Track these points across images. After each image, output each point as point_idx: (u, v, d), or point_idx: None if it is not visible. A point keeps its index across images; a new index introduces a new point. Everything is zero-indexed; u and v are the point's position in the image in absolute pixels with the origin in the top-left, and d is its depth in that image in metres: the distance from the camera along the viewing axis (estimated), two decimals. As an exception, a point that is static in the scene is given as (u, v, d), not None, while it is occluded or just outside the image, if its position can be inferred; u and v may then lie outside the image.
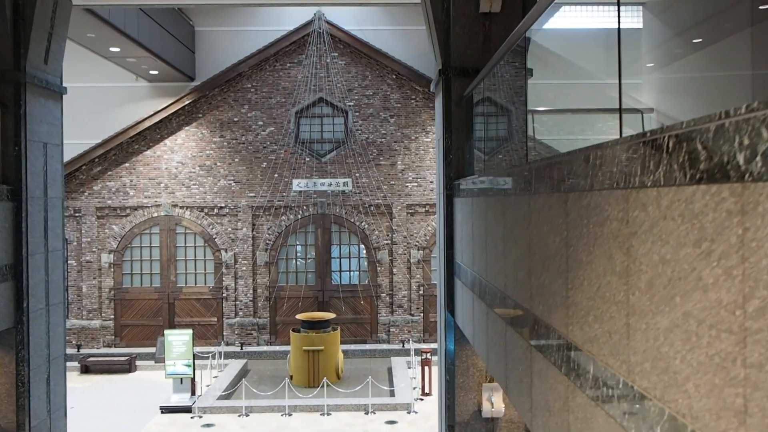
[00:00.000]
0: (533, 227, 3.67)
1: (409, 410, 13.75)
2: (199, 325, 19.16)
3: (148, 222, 19.18)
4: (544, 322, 3.41)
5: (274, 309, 19.29)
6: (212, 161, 19.14)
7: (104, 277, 19.06)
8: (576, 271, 2.93)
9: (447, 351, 7.21)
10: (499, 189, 4.62)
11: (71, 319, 19.02)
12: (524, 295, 3.88)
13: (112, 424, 13.14)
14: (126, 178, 19.10)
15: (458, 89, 7.26)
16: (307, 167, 19.15)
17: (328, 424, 13.11)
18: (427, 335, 19.12)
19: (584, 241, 2.82)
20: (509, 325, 4.33)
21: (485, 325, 5.17)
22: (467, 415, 7.20)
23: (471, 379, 7.23)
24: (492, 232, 4.84)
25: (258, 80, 19.22)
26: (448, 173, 7.28)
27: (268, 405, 13.84)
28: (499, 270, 4.66)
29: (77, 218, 19.08)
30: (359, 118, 19.25)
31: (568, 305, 3.04)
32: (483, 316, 5.29)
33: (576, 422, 2.97)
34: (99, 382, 16.51)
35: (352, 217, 19.20)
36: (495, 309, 4.83)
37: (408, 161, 19.26)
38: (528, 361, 3.77)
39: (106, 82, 19.66)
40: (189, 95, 18.78)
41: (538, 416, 3.54)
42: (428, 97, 19.20)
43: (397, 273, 19.18)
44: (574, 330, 2.97)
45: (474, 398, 7.23)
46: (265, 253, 19.16)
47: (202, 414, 13.65)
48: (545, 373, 3.41)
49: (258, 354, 18.48)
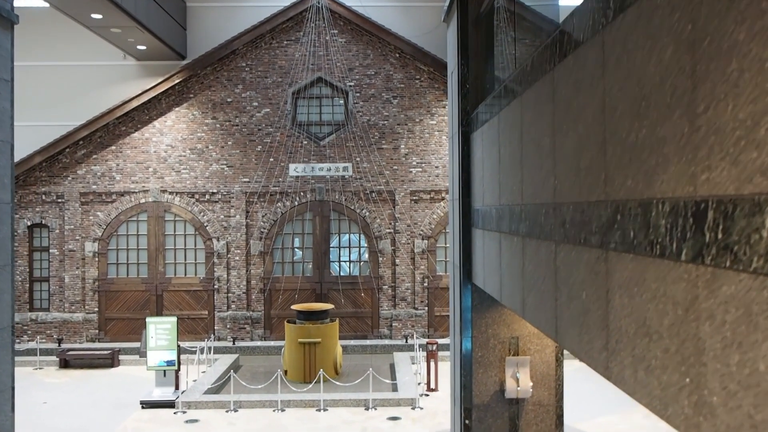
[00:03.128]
0: (611, 72, 2.49)
1: (413, 406, 12.51)
2: (189, 318, 17.95)
3: (136, 209, 18.01)
4: (638, 199, 2.22)
5: (268, 302, 18.08)
6: (204, 144, 18.00)
7: (88, 267, 17.88)
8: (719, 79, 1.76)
9: (463, 319, 6.01)
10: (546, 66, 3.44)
11: (52, 312, 17.83)
12: (593, 182, 2.70)
13: (87, 421, 11.92)
14: (112, 162, 17.96)
15: (475, 6, 6.11)
16: (305, 151, 18.01)
17: (324, 420, 11.88)
18: (432, 331, 17.89)
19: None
20: (563, 243, 3.14)
21: (520, 265, 4.02)
22: (487, 396, 5.99)
23: (491, 352, 6.03)
24: (532, 134, 3.69)
25: (253, 58, 18.11)
26: (464, 107, 6.12)
27: (258, 400, 12.62)
28: (544, 177, 3.49)
29: (60, 204, 17.93)
30: (360, 99, 18.12)
31: (702, 135, 1.87)
32: (517, 255, 4.14)
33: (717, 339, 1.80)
34: (78, 377, 15.29)
35: (352, 205, 18.02)
36: (535, 237, 3.66)
37: (412, 145, 18.11)
38: (601, 276, 2.59)
39: (92, 60, 18.57)
40: (179, 73, 17.67)
41: (624, 350, 2.36)
42: (433, 77, 18.08)
43: (400, 264, 17.98)
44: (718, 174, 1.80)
45: (495, 375, 6.02)
46: (260, 242, 17.97)
47: (186, 409, 12.42)
48: (639, 277, 2.22)
49: (251, 349, 17.25)
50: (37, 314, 17.78)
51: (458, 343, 6.15)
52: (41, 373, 15.65)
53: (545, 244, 3.41)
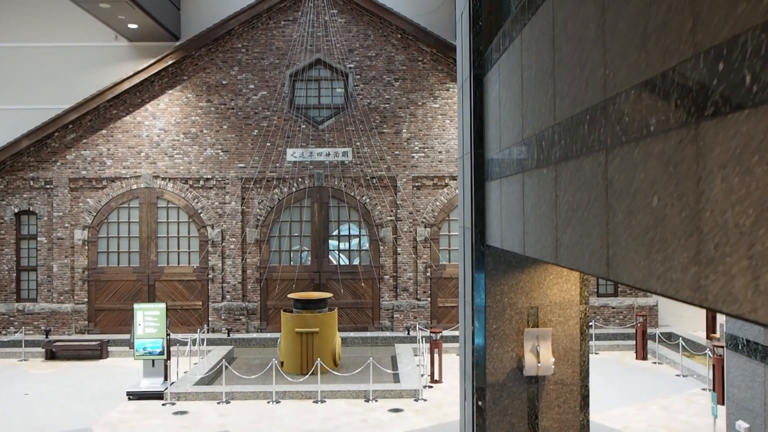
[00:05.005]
0: None
1: (416, 397, 11.80)
2: (182, 309, 17.25)
3: (127, 195, 17.32)
4: (758, 23, 1.53)
5: (265, 292, 17.37)
6: (198, 128, 17.31)
7: (77, 255, 17.18)
8: None
9: (475, 286, 5.29)
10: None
11: (40, 303, 17.14)
12: (673, 41, 2.02)
13: (68, 412, 11.21)
14: (103, 147, 17.26)
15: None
16: (303, 135, 17.31)
17: (321, 412, 11.17)
18: (435, 322, 17.16)
19: None
20: (618, 147, 2.48)
21: (551, 199, 3.37)
22: (503, 374, 5.28)
23: (508, 324, 5.31)
24: (569, 32, 3.02)
25: (249, 39, 17.42)
26: (476, 47, 5.42)
27: (252, 391, 11.91)
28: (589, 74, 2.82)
29: (48, 190, 17.24)
30: (360, 82, 17.43)
31: None
32: (547, 190, 3.48)
33: None
34: (64, 368, 14.59)
35: (352, 191, 17.32)
36: (575, 156, 2.98)
37: (414, 129, 17.40)
38: (687, 162, 1.92)
39: (83, 41, 17.89)
40: (173, 54, 16.98)
41: (733, 253, 1.66)
42: (437, 59, 17.38)
43: (401, 253, 17.28)
44: None
45: (512, 351, 5.31)
46: (256, 229, 17.27)
47: (176, 401, 11.71)
48: (762, 140, 1.52)
49: (246, 341, 16.54)
50: (24, 305, 17.07)
51: (469, 315, 5.43)
52: (26, 365, 14.95)
53: (590, 159, 2.72)
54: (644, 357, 14.74)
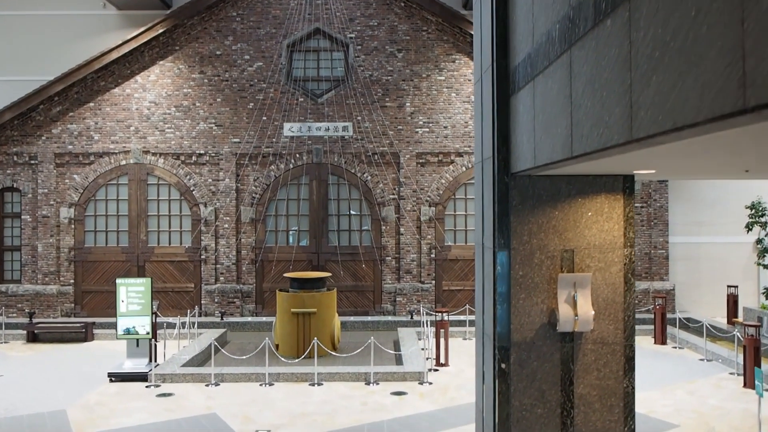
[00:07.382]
0: None
1: (421, 380, 10.90)
2: (173, 291, 16.37)
3: (116, 171, 16.42)
4: None
5: (260, 274, 16.48)
6: (190, 101, 16.40)
7: (63, 234, 16.29)
8: None
9: (498, 224, 4.37)
10: None
11: (24, 284, 16.26)
12: None
13: (45, 395, 10.33)
14: (90, 120, 16.36)
15: None
16: (301, 109, 16.40)
17: (318, 395, 10.28)
18: (439, 306, 16.24)
19: None
20: None
21: (624, 50, 2.48)
22: (531, 331, 4.38)
23: (537, 271, 4.40)
24: None
25: (244, 7, 16.50)
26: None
27: (243, 373, 11.01)
28: None
29: (32, 166, 16.35)
30: (362, 53, 16.50)
31: None
32: (615, 41, 2.59)
33: None
34: (46, 350, 13.72)
35: (352, 168, 16.41)
36: None
37: (418, 103, 16.48)
38: None
39: (69, 9, 16.99)
40: (163, 23, 16.06)
41: None
42: (442, 28, 16.45)
43: (404, 233, 16.37)
44: None
45: (542, 303, 4.40)
46: (251, 208, 16.37)
47: (161, 382, 10.82)
48: None
49: (241, 325, 15.65)
50: (7, 286, 16.19)
51: (489, 260, 4.52)
52: (5, 347, 14.08)
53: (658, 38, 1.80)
54: (663, 342, 13.83)
